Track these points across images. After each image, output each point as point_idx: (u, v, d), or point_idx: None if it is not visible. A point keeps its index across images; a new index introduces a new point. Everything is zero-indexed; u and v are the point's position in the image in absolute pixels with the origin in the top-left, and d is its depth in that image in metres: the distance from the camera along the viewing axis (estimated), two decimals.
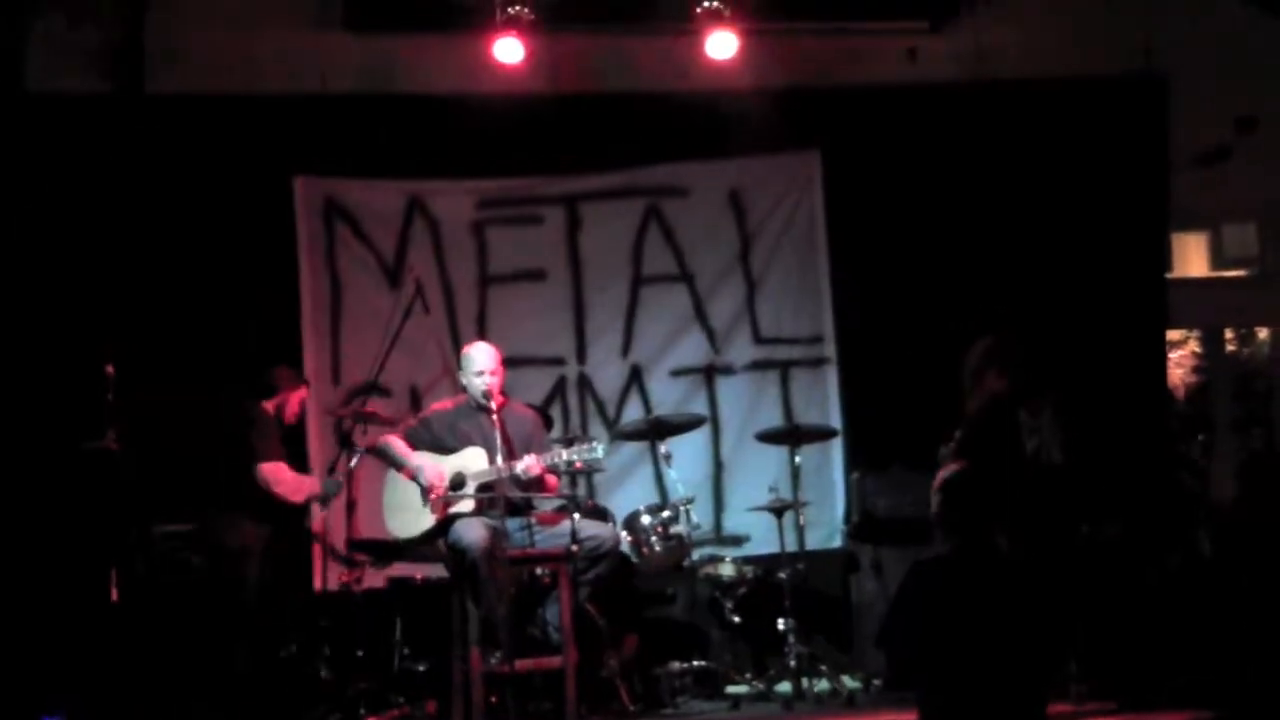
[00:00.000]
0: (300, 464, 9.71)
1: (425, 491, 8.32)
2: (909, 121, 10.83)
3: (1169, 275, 11.18)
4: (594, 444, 8.41)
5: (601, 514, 9.33)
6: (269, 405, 9.13)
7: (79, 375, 9.11)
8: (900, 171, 10.78)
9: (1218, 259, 11.53)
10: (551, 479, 8.52)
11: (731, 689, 9.39)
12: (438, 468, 8.36)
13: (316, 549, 9.74)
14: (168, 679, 8.76)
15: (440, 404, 8.90)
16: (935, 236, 10.75)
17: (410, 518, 8.41)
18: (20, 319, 9.91)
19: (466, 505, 8.29)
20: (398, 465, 8.50)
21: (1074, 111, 10.89)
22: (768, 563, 9.69)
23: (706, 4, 10.01)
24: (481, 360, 8.57)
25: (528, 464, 8.23)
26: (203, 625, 8.83)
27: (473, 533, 8.05)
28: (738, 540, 10.40)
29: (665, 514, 9.39)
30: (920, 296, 10.67)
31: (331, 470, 9.55)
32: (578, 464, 8.41)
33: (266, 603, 8.85)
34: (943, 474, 6.20)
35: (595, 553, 8.24)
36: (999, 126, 10.85)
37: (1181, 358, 12.98)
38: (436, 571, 9.06)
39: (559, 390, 10.71)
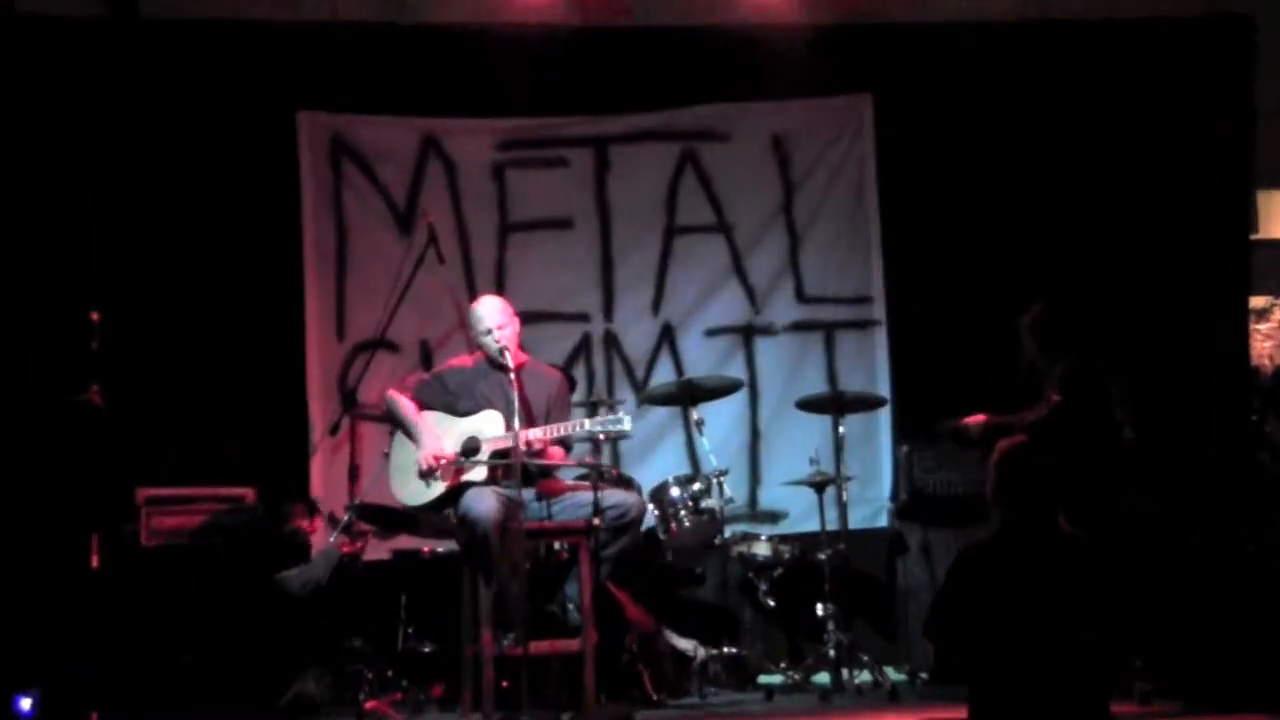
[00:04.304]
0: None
1: (418, 461, 8.30)
2: (968, 64, 10.72)
3: (1253, 237, 11.03)
4: (619, 413, 8.36)
5: (626, 484, 9.27)
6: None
7: (61, 321, 9.10)
8: (958, 118, 10.69)
9: None
10: (556, 451, 8.46)
11: (764, 679, 9.36)
12: (437, 444, 8.31)
13: (315, 517, 9.75)
14: (153, 654, 8.76)
15: (459, 359, 8.87)
16: (995, 190, 10.66)
17: (419, 484, 8.38)
18: None
19: (479, 473, 8.26)
20: (404, 428, 8.47)
21: (1148, 55, 10.76)
22: (806, 542, 9.67)
23: None
24: (490, 316, 8.49)
25: (534, 436, 8.16)
26: (192, 596, 8.85)
27: (484, 503, 8.00)
28: (774, 517, 10.38)
29: (696, 486, 9.34)
30: (978, 255, 10.60)
31: (334, 431, 9.55)
32: (601, 434, 8.38)
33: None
34: (1001, 446, 6.15)
35: (619, 522, 8.20)
36: (1066, 71, 10.72)
37: (1267, 329, 12.85)
38: (446, 544, 9.06)
39: (583, 349, 10.68)
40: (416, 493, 8.38)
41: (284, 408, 10.18)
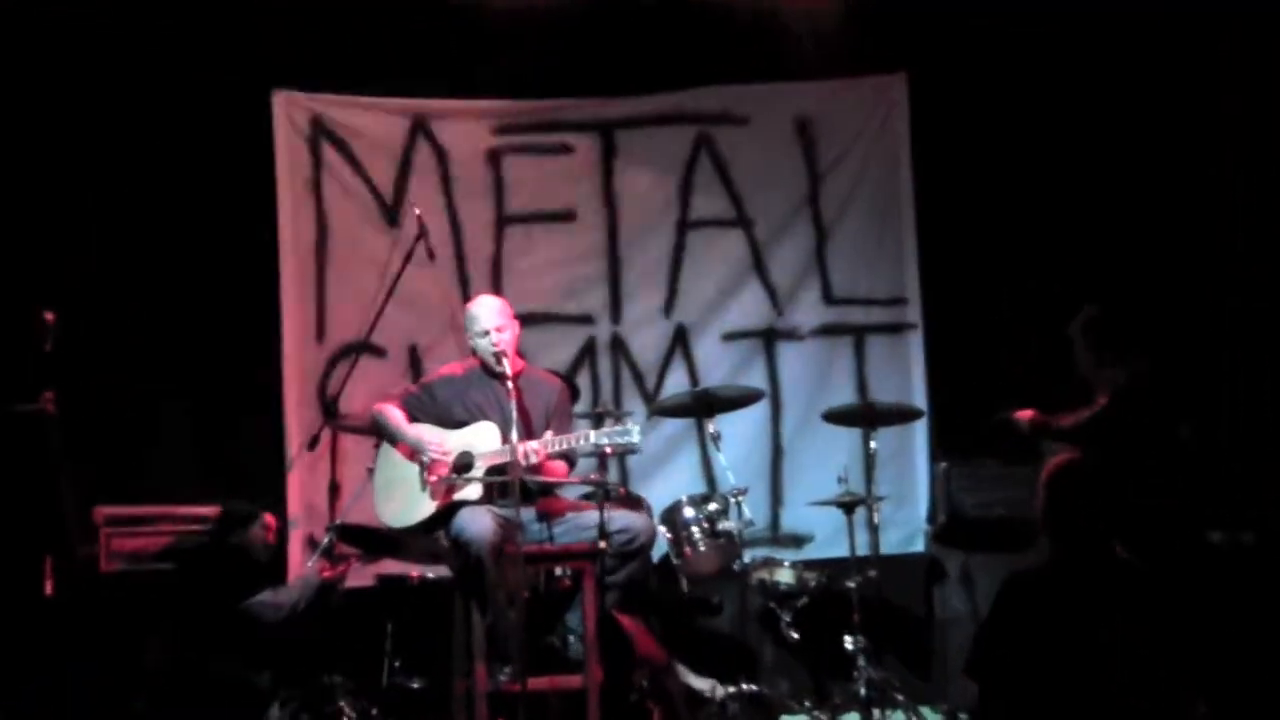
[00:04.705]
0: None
1: (425, 471, 8.27)
2: (1016, 39, 10.62)
3: None
4: (628, 425, 8.33)
5: (635, 504, 9.26)
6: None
7: (9, 323, 9.07)
8: (1004, 100, 10.64)
9: None
10: (557, 466, 8.43)
11: (787, 719, 9.32)
12: (442, 443, 8.31)
13: (294, 538, 9.74)
14: (110, 688, 8.72)
15: (448, 368, 8.86)
16: (1044, 180, 10.60)
17: (406, 503, 8.36)
18: None
19: (473, 491, 8.22)
20: (393, 439, 8.45)
21: (1218, 20, 10.59)
22: (834, 568, 9.60)
23: None
24: (486, 317, 8.47)
25: (529, 448, 8.12)
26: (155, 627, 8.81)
27: (479, 523, 7.98)
28: (798, 540, 10.38)
29: (712, 507, 9.31)
30: (1025, 252, 10.56)
31: (313, 444, 9.52)
32: (607, 448, 8.34)
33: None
34: (1053, 463, 6.13)
35: (627, 547, 8.17)
36: (1128, 45, 10.61)
37: None
38: (436, 569, 9.03)
39: (587, 354, 10.68)
40: (403, 512, 8.36)
41: (258, 418, 10.15)
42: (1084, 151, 10.64)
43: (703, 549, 9.23)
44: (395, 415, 8.46)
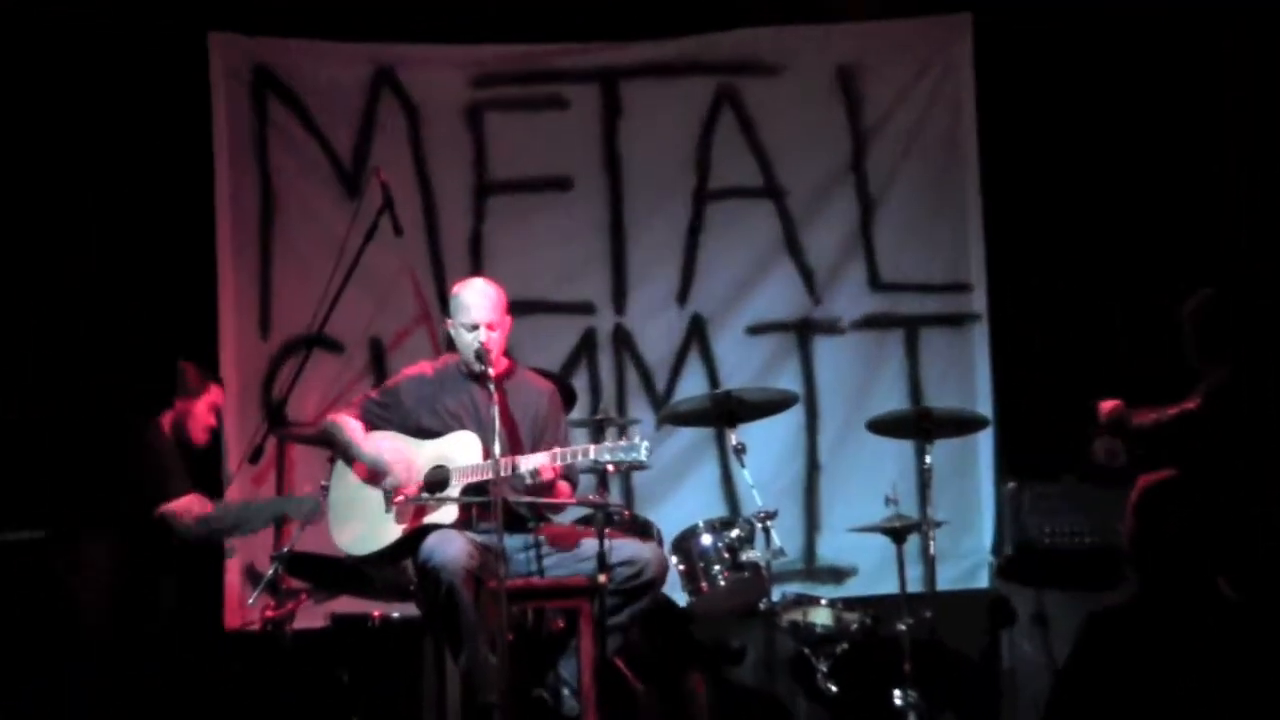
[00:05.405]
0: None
1: (389, 495, 8.19)
2: None
3: None
4: (634, 436, 8.28)
5: (642, 529, 9.22)
6: (165, 421, 9.16)
7: None
8: (1090, 46, 10.65)
9: None
10: (564, 486, 8.39)
11: None
12: (407, 459, 8.23)
13: (232, 569, 9.74)
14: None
15: (417, 367, 8.76)
16: (1137, 143, 10.63)
17: (367, 528, 8.29)
18: None
19: (448, 513, 8.17)
20: (348, 455, 8.38)
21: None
22: (880, 608, 9.60)
23: None
24: (478, 308, 8.38)
25: (537, 464, 8.06)
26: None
27: (451, 547, 7.89)
28: (838, 574, 10.41)
29: (734, 533, 9.25)
30: (1112, 229, 10.56)
31: (256, 457, 9.53)
32: (609, 465, 8.31)
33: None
34: (1144, 483, 6.10)
35: (632, 583, 8.12)
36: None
37: None
38: (402, 607, 9.02)
39: (586, 349, 10.73)
40: (364, 538, 8.27)
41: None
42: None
43: (722, 584, 9.18)
44: (352, 428, 8.34)
